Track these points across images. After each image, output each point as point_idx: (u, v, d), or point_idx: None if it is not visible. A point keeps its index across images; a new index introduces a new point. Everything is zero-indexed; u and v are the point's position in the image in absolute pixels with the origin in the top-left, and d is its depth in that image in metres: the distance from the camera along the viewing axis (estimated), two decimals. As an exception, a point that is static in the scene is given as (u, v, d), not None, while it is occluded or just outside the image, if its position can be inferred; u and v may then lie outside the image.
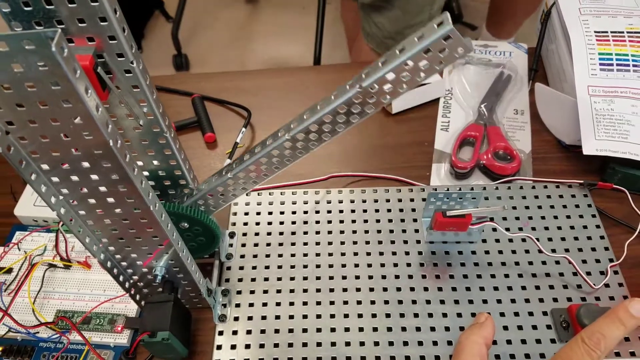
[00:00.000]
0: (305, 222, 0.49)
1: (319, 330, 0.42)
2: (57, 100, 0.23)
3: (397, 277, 0.44)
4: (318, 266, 0.46)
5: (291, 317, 0.43)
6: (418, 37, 0.27)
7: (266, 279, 0.45)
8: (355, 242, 0.47)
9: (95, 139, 0.25)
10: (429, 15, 0.87)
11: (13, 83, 0.22)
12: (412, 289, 0.43)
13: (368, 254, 0.46)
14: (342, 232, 0.48)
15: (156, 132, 0.34)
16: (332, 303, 0.43)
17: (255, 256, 0.47)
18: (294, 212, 0.50)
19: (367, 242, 0.47)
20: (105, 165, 0.26)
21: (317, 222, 0.49)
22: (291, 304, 0.43)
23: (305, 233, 0.48)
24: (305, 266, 0.46)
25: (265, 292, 0.44)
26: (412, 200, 0.50)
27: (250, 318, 0.43)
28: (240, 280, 0.45)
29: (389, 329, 0.41)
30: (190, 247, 0.42)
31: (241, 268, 0.46)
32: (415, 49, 0.27)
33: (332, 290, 0.44)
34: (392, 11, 0.86)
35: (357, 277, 0.44)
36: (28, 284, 0.43)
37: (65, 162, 0.26)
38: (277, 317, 0.43)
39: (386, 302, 0.43)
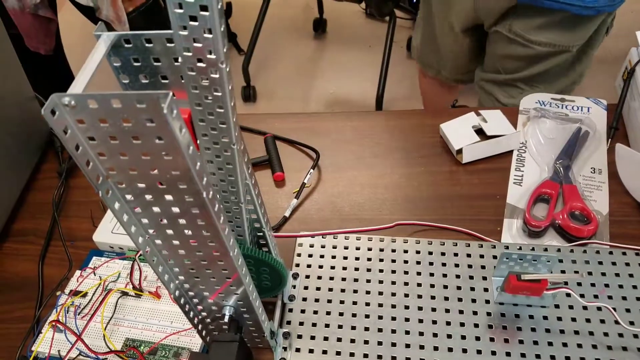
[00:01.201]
0: (369, 270, 0.48)
1: (379, 386, 0.41)
2: (158, 152, 0.24)
3: (463, 337, 0.43)
4: (380, 317, 0.45)
5: (351, 369, 0.42)
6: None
7: (327, 325, 0.45)
8: (420, 296, 0.46)
9: (189, 188, 0.26)
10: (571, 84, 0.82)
11: (120, 135, 0.24)
12: (479, 352, 0.42)
13: (433, 309, 0.45)
14: (406, 283, 0.47)
15: (239, 178, 0.35)
16: (393, 359, 0.42)
17: (317, 300, 0.47)
18: (357, 258, 0.49)
19: (433, 297, 0.46)
20: (194, 211, 0.28)
21: (381, 270, 0.48)
22: (352, 354, 0.43)
23: (368, 281, 0.48)
24: (367, 316, 0.45)
25: (326, 339, 0.44)
26: (482, 256, 0.48)
27: (309, 365, 0.42)
28: (301, 323, 0.45)
29: (453, 393, 0.40)
30: (257, 287, 0.43)
31: (303, 311, 0.46)
32: None
33: (394, 344, 0.43)
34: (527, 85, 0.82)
35: (421, 334, 0.43)
36: (102, 310, 0.45)
37: (157, 205, 0.28)
38: (337, 368, 0.42)
39: (451, 364, 0.41)
